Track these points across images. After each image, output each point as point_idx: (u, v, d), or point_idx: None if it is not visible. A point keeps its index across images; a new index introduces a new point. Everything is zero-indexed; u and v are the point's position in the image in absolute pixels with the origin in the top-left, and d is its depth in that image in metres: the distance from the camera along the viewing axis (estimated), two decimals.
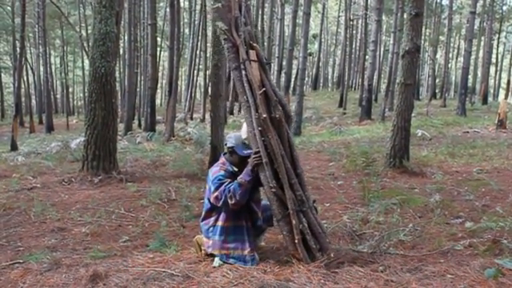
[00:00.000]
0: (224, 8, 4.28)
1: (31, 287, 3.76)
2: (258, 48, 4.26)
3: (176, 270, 3.96)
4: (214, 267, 4.04)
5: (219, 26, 4.23)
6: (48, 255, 4.52)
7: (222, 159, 4.43)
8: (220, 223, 4.23)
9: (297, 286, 3.59)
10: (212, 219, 4.29)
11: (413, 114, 9.94)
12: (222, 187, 4.09)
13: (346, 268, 3.94)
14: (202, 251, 4.34)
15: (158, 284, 3.69)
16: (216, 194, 4.12)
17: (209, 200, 4.27)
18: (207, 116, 26.50)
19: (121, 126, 19.27)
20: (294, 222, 3.97)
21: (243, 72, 4.15)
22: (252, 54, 4.18)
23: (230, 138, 4.42)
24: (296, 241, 3.98)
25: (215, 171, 4.27)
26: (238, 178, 4.09)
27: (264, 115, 4.03)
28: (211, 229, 4.28)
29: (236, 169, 4.29)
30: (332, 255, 4.02)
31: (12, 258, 4.59)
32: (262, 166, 4.03)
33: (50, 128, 28.44)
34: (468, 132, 17.03)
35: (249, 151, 4.20)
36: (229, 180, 4.13)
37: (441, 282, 3.65)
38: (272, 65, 28.37)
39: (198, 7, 31.50)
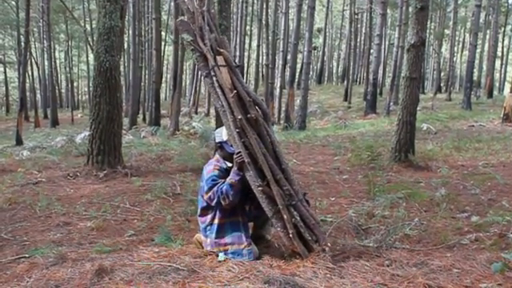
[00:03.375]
0: (188, 20, 4.40)
1: (37, 281, 3.76)
2: (226, 53, 4.34)
3: (181, 264, 3.96)
4: (220, 261, 4.04)
5: (184, 37, 4.36)
6: (53, 249, 4.53)
7: (216, 156, 4.48)
8: (216, 221, 4.26)
9: (303, 280, 3.58)
10: (209, 217, 4.32)
11: (418, 108, 9.89)
12: (215, 188, 4.14)
13: (352, 262, 3.93)
14: (206, 247, 4.34)
15: (163, 278, 3.68)
16: (209, 194, 4.17)
17: (203, 197, 4.31)
18: (212, 110, 26.53)
19: (125, 121, 19.28)
20: (285, 216, 3.97)
21: (214, 78, 4.23)
22: (220, 59, 4.28)
23: (217, 133, 4.49)
24: (290, 235, 3.97)
25: (209, 170, 4.30)
26: (228, 178, 4.13)
27: (239, 116, 4.09)
28: (208, 227, 4.30)
29: (230, 164, 4.30)
30: (329, 244, 4.02)
31: (18, 252, 4.60)
32: (246, 166, 4.06)
33: (54, 122, 28.51)
34: (473, 126, 16.95)
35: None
36: (222, 180, 4.17)
37: (447, 277, 3.64)
38: (276, 59, 28.29)
39: None
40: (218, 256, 4.15)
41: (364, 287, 3.48)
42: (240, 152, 4.08)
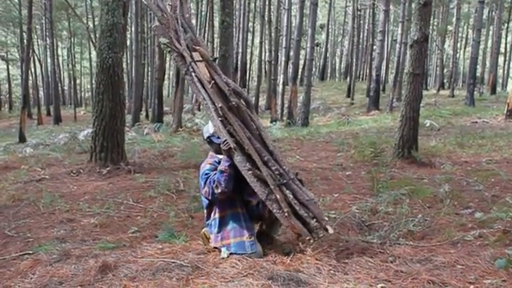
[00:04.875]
0: (163, 25, 4.62)
1: (41, 278, 3.77)
2: (202, 49, 4.53)
3: (185, 260, 3.96)
4: (223, 258, 4.04)
5: (161, 41, 4.59)
6: (57, 246, 4.54)
7: (210, 153, 4.53)
8: (217, 215, 4.29)
9: (306, 276, 3.58)
10: (211, 214, 4.36)
11: (421, 104, 9.87)
12: (209, 180, 4.18)
13: (356, 259, 3.93)
14: (210, 244, 4.35)
15: (167, 275, 3.69)
16: (205, 188, 4.21)
17: (205, 200, 4.35)
18: None
19: (128, 118, 19.29)
20: (278, 196, 3.96)
21: (193, 74, 4.37)
22: (196, 55, 4.45)
23: (204, 129, 4.58)
24: (286, 214, 3.95)
25: (202, 166, 4.37)
26: (219, 166, 4.17)
27: (219, 104, 4.17)
28: (212, 223, 4.33)
29: (221, 156, 4.32)
30: (327, 219, 4.04)
31: (21, 249, 4.61)
32: (233, 152, 4.09)
33: (57, 119, 28.54)
34: (477, 122, 16.90)
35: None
36: (214, 172, 4.21)
37: (451, 273, 3.64)
38: (279, 55, 28.25)
39: None
40: (221, 252, 4.16)
41: (368, 283, 3.47)
42: (226, 140, 4.12)
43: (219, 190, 4.08)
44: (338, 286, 3.44)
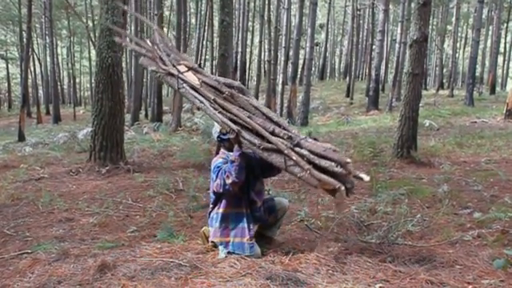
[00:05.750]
0: (147, 56, 4.92)
1: (39, 277, 3.77)
2: (186, 62, 4.74)
3: (184, 260, 3.97)
4: (221, 258, 4.05)
5: (150, 69, 4.94)
6: (56, 245, 4.55)
7: (221, 151, 4.50)
8: (221, 210, 4.29)
9: (305, 276, 3.58)
10: (215, 208, 4.36)
11: (420, 104, 9.89)
12: (220, 172, 4.17)
13: (354, 258, 3.93)
14: (209, 242, 4.36)
15: (165, 274, 3.69)
16: (217, 180, 4.18)
17: (213, 192, 4.33)
18: None
19: (128, 117, 19.31)
20: (294, 158, 3.82)
21: (185, 85, 4.52)
22: (182, 67, 4.64)
23: (213, 131, 4.61)
24: (307, 173, 3.75)
25: (214, 160, 4.37)
26: (230, 157, 4.17)
27: (212, 97, 4.25)
28: (214, 216, 4.33)
29: None
30: (349, 160, 3.83)
31: (20, 248, 4.61)
32: (240, 137, 4.06)
33: (57, 119, 28.51)
34: (476, 122, 16.92)
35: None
36: (226, 165, 4.19)
37: (449, 273, 3.64)
38: (278, 55, 28.22)
39: None
40: (219, 250, 4.16)
41: (366, 283, 3.48)
42: (230, 128, 4.10)
43: (230, 180, 4.04)
44: (336, 285, 3.44)
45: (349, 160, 3.80)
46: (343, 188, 3.72)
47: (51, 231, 5.21)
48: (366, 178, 3.82)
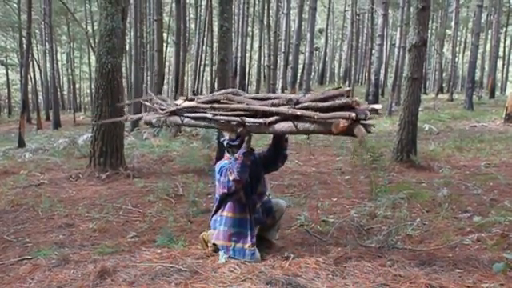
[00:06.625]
0: (149, 116, 5.26)
1: (40, 283, 3.78)
2: (182, 97, 5.06)
3: (184, 265, 3.97)
4: (221, 263, 4.05)
5: (149, 124, 5.32)
6: (56, 251, 4.55)
7: (227, 155, 4.51)
8: (225, 213, 4.32)
9: (305, 281, 3.59)
10: (219, 211, 4.39)
11: (420, 108, 9.90)
12: (226, 169, 4.22)
13: (354, 263, 3.94)
14: (209, 248, 4.36)
15: (165, 279, 3.69)
16: (221, 178, 4.25)
17: (219, 193, 4.36)
18: None
19: (127, 122, 19.28)
20: (299, 113, 3.76)
21: (185, 114, 4.73)
22: (179, 101, 4.96)
23: (223, 139, 4.64)
24: (315, 118, 3.66)
25: (220, 162, 4.42)
26: (234, 155, 4.22)
27: (209, 105, 4.40)
28: (218, 219, 4.36)
29: None
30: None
31: (20, 254, 4.61)
32: (246, 127, 4.07)
33: (57, 124, 28.49)
34: (475, 126, 16.93)
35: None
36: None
37: (449, 277, 3.65)
38: (278, 60, 28.31)
39: (204, 2, 31.41)
40: (219, 255, 4.17)
41: (366, 287, 3.48)
42: (236, 122, 4.12)
43: (232, 177, 4.10)
44: None
45: (349, 88, 3.85)
46: (356, 119, 3.65)
47: (51, 237, 5.21)
48: (378, 106, 3.84)
